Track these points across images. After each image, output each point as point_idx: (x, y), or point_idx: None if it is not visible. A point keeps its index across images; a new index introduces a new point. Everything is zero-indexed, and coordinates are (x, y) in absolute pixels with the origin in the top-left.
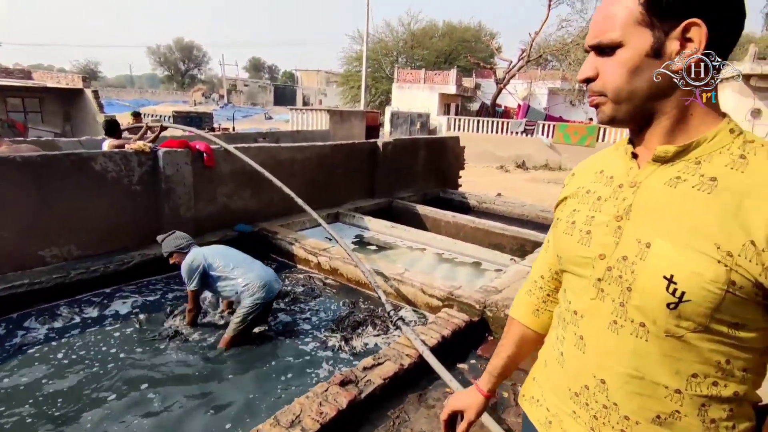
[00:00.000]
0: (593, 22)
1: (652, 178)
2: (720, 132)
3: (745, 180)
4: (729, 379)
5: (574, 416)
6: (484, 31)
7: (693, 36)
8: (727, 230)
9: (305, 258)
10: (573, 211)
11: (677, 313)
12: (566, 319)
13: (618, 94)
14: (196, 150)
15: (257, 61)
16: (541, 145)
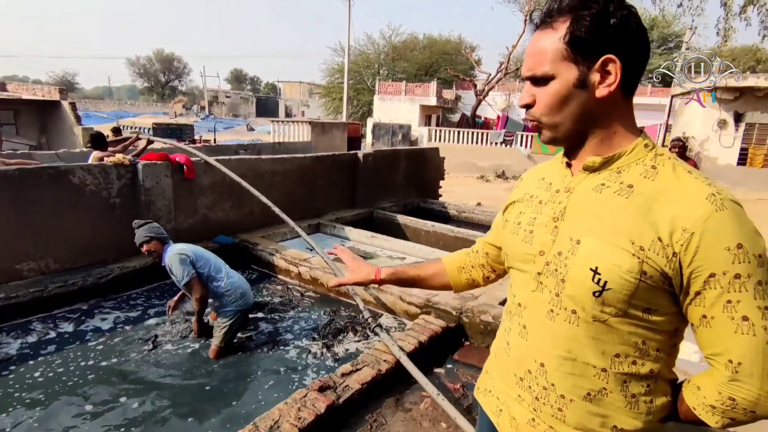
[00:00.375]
0: (527, 56)
1: (582, 184)
2: (637, 146)
3: (655, 187)
4: (645, 358)
5: (519, 399)
6: (464, 44)
7: (610, 69)
8: (640, 229)
9: (286, 268)
10: (519, 213)
11: (601, 300)
12: (512, 311)
13: (552, 120)
14: (176, 162)
15: (239, 72)
16: (520, 156)
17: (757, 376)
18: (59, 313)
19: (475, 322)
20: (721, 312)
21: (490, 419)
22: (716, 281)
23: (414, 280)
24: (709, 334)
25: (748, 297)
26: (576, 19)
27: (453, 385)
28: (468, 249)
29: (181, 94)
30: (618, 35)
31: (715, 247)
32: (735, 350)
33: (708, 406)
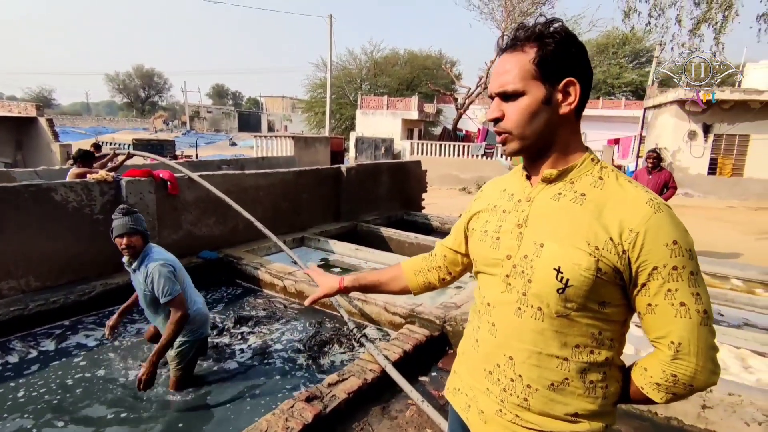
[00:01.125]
0: (496, 74)
1: (541, 194)
2: (585, 160)
3: (603, 195)
4: (601, 347)
5: (487, 392)
6: (444, 59)
7: (571, 90)
8: (594, 231)
9: (271, 282)
10: (485, 222)
11: (564, 296)
12: (481, 311)
13: (522, 132)
14: (160, 178)
15: (221, 87)
16: (501, 167)
17: (694, 354)
18: (41, 330)
19: (458, 330)
20: (663, 300)
21: (459, 416)
22: (658, 273)
23: (374, 285)
24: (654, 320)
25: (684, 285)
26: (542, 45)
27: (437, 392)
28: (426, 254)
29: (162, 109)
30: (577, 62)
31: (657, 243)
32: (676, 332)
33: (654, 384)
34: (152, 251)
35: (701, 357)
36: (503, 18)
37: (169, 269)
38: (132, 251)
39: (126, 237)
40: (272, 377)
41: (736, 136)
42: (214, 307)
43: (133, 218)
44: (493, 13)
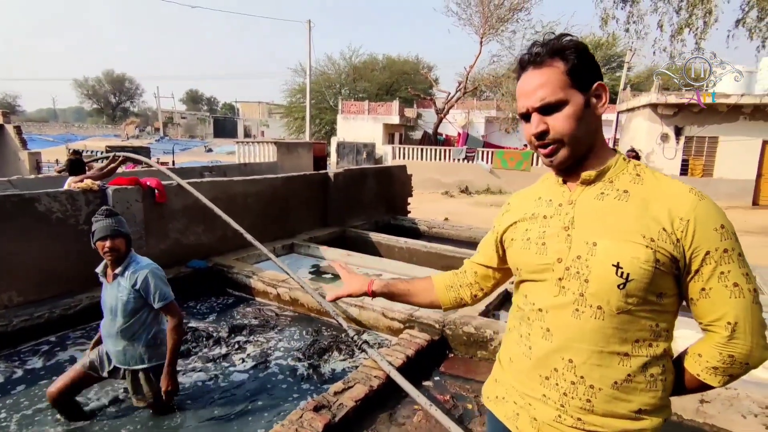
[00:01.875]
0: (528, 91)
1: (583, 196)
2: (618, 160)
3: (645, 189)
4: (659, 339)
5: (544, 399)
6: (422, 64)
7: (601, 93)
8: (645, 224)
9: (264, 290)
10: (525, 230)
11: (625, 291)
12: (531, 318)
13: (574, 137)
14: (147, 186)
15: (195, 93)
16: (482, 171)
17: (749, 332)
18: (26, 347)
19: (458, 334)
20: (717, 282)
21: (503, 425)
22: (710, 257)
23: (403, 294)
24: (709, 304)
25: (735, 267)
26: (566, 58)
27: (443, 396)
28: (455, 270)
29: (134, 115)
30: (596, 67)
31: (707, 228)
32: (731, 312)
33: (711, 368)
34: (137, 256)
35: (756, 334)
36: (481, 24)
37: (163, 273)
38: (115, 255)
39: (110, 240)
40: (274, 387)
41: (706, 138)
42: (205, 317)
43: (116, 220)
44: (471, 19)
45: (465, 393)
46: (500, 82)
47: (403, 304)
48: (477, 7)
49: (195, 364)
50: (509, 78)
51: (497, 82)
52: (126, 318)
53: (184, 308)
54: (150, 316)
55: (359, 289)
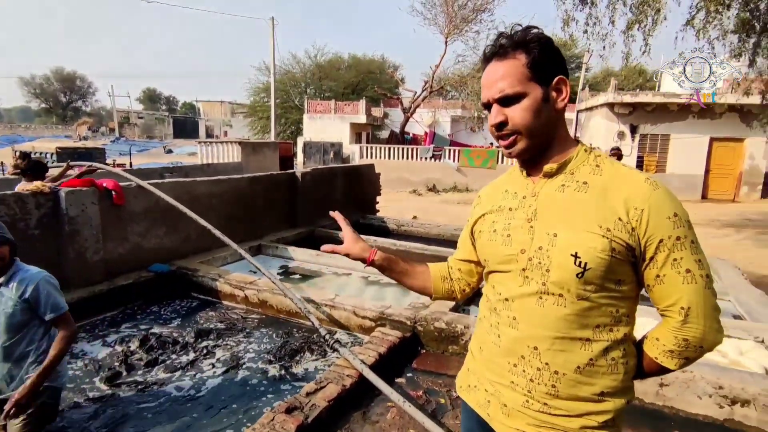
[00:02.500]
0: (490, 82)
1: (545, 188)
2: (579, 152)
3: (604, 180)
4: (619, 324)
5: (512, 386)
6: (388, 64)
7: (562, 87)
8: (603, 214)
9: (231, 293)
10: (492, 222)
11: (584, 280)
12: (498, 308)
13: (530, 130)
14: (104, 188)
15: (152, 92)
16: (449, 169)
17: (702, 316)
18: None
19: (429, 330)
20: (670, 269)
21: (476, 414)
22: (664, 245)
23: (402, 273)
24: (663, 290)
25: (687, 254)
26: (529, 50)
27: (415, 392)
28: (448, 264)
29: (86, 115)
30: (560, 61)
31: (660, 217)
32: (684, 297)
33: (667, 351)
34: (23, 265)
35: (708, 318)
36: (446, 24)
37: (56, 282)
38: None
39: None
40: (246, 391)
41: (659, 135)
42: (169, 322)
43: None
44: (436, 19)
45: (437, 388)
46: (465, 81)
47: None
48: (441, 7)
49: (162, 374)
50: (474, 78)
51: (462, 81)
52: (11, 333)
53: (146, 313)
54: (39, 332)
55: (359, 253)
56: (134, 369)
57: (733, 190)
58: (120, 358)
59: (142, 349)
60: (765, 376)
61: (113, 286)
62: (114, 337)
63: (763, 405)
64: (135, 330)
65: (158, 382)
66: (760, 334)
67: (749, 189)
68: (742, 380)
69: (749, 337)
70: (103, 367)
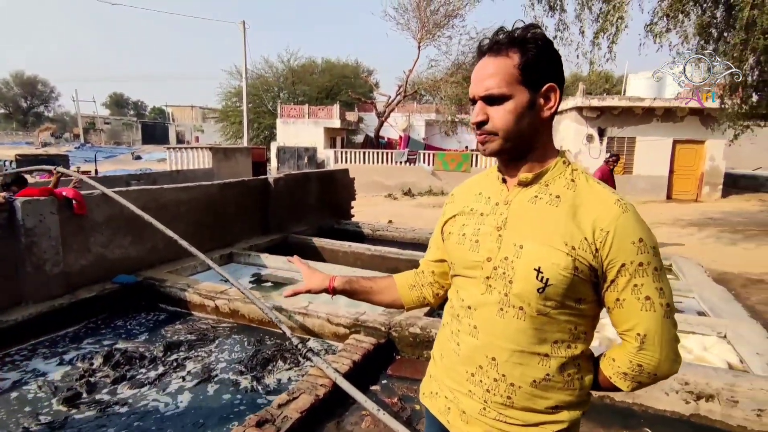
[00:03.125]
0: (479, 77)
1: (519, 197)
2: (557, 163)
3: (576, 196)
4: (577, 341)
5: (470, 394)
6: (362, 68)
7: (551, 95)
8: (570, 231)
9: (201, 303)
10: (462, 225)
11: (544, 295)
12: (460, 315)
13: (508, 133)
14: (63, 197)
15: (120, 96)
16: (424, 173)
17: (658, 344)
18: None
19: (404, 335)
20: (630, 294)
21: (437, 421)
22: (626, 269)
23: (366, 291)
24: (622, 314)
25: (648, 281)
26: (525, 51)
27: (390, 399)
28: (416, 270)
29: (49, 121)
30: (556, 68)
31: (625, 241)
32: (642, 324)
33: (621, 373)
34: None
35: (665, 348)
36: (418, 29)
37: None
38: None
39: None
40: (217, 405)
41: (625, 138)
42: (136, 336)
43: None
44: (409, 24)
45: (412, 394)
46: (439, 85)
47: (365, 302)
48: (414, 12)
49: (128, 392)
50: (447, 82)
51: (436, 85)
52: None
53: (111, 327)
54: None
55: (319, 285)
56: (97, 388)
57: (696, 190)
58: (81, 377)
59: (107, 365)
60: (727, 371)
61: (75, 300)
62: (74, 354)
63: (726, 399)
64: (98, 346)
65: (123, 401)
66: (722, 329)
67: (710, 189)
68: (706, 375)
69: (713, 333)
70: (60, 387)
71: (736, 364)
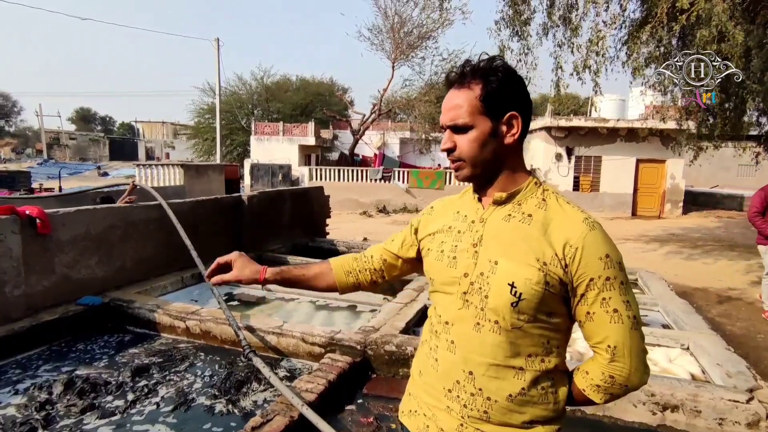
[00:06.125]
0: (446, 108)
1: (493, 215)
2: (529, 184)
3: (547, 215)
4: (550, 355)
5: (448, 410)
6: (336, 86)
7: (514, 123)
8: (542, 248)
9: (171, 324)
10: (441, 242)
11: (518, 309)
12: (438, 331)
13: (473, 161)
14: (26, 215)
15: (86, 111)
16: (398, 190)
17: (627, 356)
18: None
19: (379, 354)
20: (599, 308)
21: None
22: (594, 283)
23: (299, 279)
24: (592, 327)
25: (616, 294)
26: (487, 82)
27: (366, 419)
28: (356, 254)
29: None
30: (517, 97)
31: (592, 257)
32: (611, 337)
33: (594, 385)
34: None
35: (634, 359)
36: (392, 49)
37: None
38: None
39: None
40: (188, 429)
41: (592, 157)
42: (99, 360)
43: None
44: (383, 45)
45: (388, 413)
46: (413, 104)
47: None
48: (388, 33)
49: (94, 422)
50: (421, 101)
51: (410, 104)
52: None
53: (73, 351)
54: None
55: (250, 275)
56: (56, 420)
57: (659, 207)
58: (36, 408)
59: (69, 393)
60: (690, 382)
61: (36, 323)
62: (29, 382)
63: (690, 409)
64: (56, 374)
65: None
66: (685, 342)
67: (672, 206)
68: (671, 387)
69: (676, 345)
70: (14, 422)
71: (698, 375)
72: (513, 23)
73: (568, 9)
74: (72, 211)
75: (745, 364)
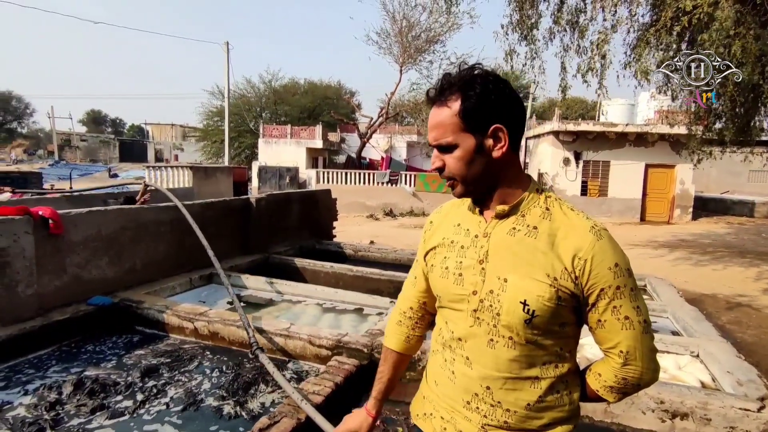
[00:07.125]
0: (431, 128)
1: (497, 229)
2: (531, 192)
3: (552, 225)
4: (563, 360)
5: (467, 419)
6: (344, 90)
7: (500, 135)
8: (551, 262)
9: (179, 325)
10: (444, 258)
11: (532, 325)
12: (452, 346)
13: (464, 178)
14: (39, 216)
15: (97, 113)
16: (405, 194)
17: (639, 358)
18: None
19: None
20: (611, 315)
21: None
22: (605, 293)
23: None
24: (604, 333)
25: (626, 301)
26: (466, 97)
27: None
28: (395, 319)
29: (22, 137)
30: (500, 107)
31: (602, 267)
32: (624, 342)
33: (608, 387)
34: None
35: (645, 360)
36: (400, 53)
37: None
38: None
39: None
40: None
41: (600, 162)
42: (108, 359)
43: None
44: (391, 49)
45: (395, 416)
46: (420, 108)
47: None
48: (396, 37)
49: (102, 422)
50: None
51: (417, 108)
52: None
53: (83, 351)
54: None
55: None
56: (65, 420)
57: (668, 212)
58: (46, 408)
59: (79, 393)
60: (700, 390)
61: (48, 322)
62: (39, 382)
63: (700, 417)
64: (65, 374)
65: None
66: (695, 349)
67: (681, 211)
68: (680, 394)
69: (686, 352)
70: (23, 422)
71: (708, 383)
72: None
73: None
74: (84, 212)
75: (756, 373)
